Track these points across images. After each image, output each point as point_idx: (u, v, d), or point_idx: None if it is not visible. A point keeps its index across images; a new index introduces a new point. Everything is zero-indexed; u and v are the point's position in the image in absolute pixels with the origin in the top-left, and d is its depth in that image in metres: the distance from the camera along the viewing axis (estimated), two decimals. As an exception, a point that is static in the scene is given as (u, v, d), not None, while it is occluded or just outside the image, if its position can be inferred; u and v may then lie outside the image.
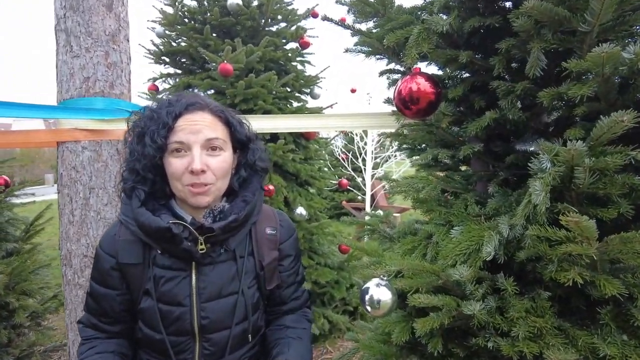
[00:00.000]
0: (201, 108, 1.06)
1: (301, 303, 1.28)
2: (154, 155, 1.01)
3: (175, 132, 1.02)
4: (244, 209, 1.08)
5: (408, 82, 1.19)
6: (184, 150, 1.02)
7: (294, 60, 3.85)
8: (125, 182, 1.06)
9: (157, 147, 1.00)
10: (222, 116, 1.09)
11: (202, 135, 1.02)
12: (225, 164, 1.07)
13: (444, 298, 1.03)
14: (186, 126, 1.02)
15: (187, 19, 3.73)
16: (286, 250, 1.22)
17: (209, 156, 1.04)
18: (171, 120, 1.01)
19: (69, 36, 1.84)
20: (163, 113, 1.02)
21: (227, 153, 1.08)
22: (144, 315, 1.07)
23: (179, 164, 1.02)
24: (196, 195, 1.04)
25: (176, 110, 1.02)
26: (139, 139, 1.03)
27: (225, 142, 1.08)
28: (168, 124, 1.01)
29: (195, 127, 1.02)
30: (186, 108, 1.04)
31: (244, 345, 1.14)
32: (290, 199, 3.53)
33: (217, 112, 1.08)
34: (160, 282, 1.05)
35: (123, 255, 1.06)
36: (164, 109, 1.03)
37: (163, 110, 1.02)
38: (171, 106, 1.03)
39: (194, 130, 1.02)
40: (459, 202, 1.32)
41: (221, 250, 1.09)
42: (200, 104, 1.06)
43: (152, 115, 1.03)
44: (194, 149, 1.01)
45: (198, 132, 1.02)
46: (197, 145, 1.02)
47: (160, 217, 1.02)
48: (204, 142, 1.03)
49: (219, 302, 1.08)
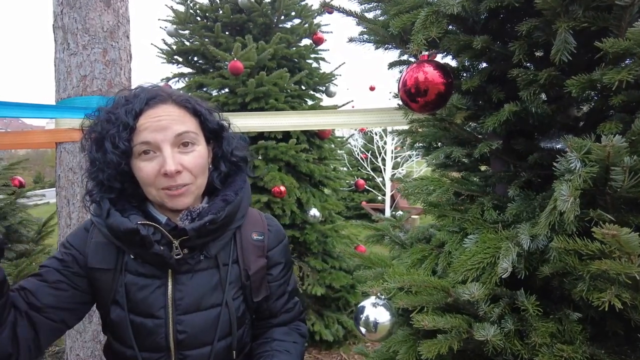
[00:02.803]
0: (163, 100, 0.95)
1: (293, 315, 1.16)
2: (118, 162, 0.90)
3: (138, 132, 0.91)
4: (223, 209, 0.97)
5: (414, 72, 1.06)
6: (153, 151, 0.91)
7: (307, 57, 3.74)
8: (91, 195, 0.97)
9: (121, 153, 0.90)
10: (189, 106, 0.98)
11: (170, 131, 0.91)
12: (201, 160, 0.96)
13: (453, 319, 0.89)
14: (150, 124, 0.91)
15: (199, 17, 3.67)
16: (275, 258, 1.10)
17: (181, 154, 0.93)
18: (132, 120, 0.90)
19: (65, 33, 1.78)
20: (121, 113, 0.91)
21: (201, 147, 0.97)
22: (114, 328, 0.98)
23: (150, 168, 0.91)
24: (174, 198, 0.93)
25: (136, 107, 0.91)
26: (98, 146, 0.93)
27: (197, 135, 0.97)
28: (129, 124, 0.90)
29: (161, 123, 0.91)
30: (147, 103, 0.93)
31: None
32: (303, 200, 3.41)
33: (182, 103, 0.97)
34: (132, 290, 0.95)
35: (94, 258, 0.96)
36: (122, 107, 0.92)
37: (121, 110, 0.91)
38: (129, 103, 0.92)
39: (159, 127, 0.91)
40: (475, 207, 1.18)
41: (200, 256, 0.98)
42: (161, 96, 0.95)
43: (109, 117, 0.92)
44: (164, 149, 0.90)
45: (165, 128, 0.91)
46: (166, 144, 0.91)
47: (129, 217, 0.92)
48: (173, 138, 0.92)
49: (199, 314, 0.97)
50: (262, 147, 3.20)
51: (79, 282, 0.97)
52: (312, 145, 3.65)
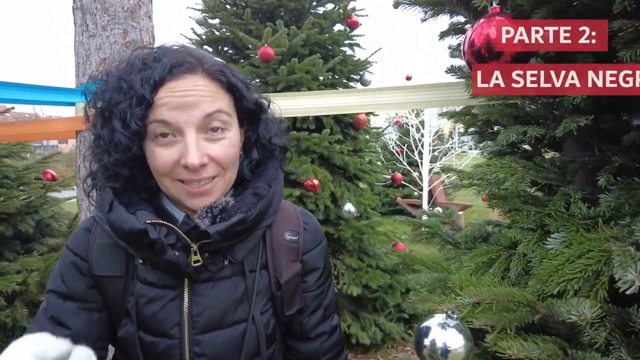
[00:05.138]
0: (192, 70, 0.74)
1: (330, 346, 0.92)
2: (127, 145, 0.71)
3: (155, 107, 0.71)
4: (255, 206, 0.78)
5: (484, 27, 0.84)
6: (172, 134, 0.72)
7: (342, 43, 3.53)
8: (93, 179, 0.79)
9: (132, 134, 0.70)
10: (224, 79, 0.77)
11: (197, 111, 0.71)
12: (232, 149, 0.77)
13: (545, 344, 0.67)
14: (172, 99, 0.71)
15: (229, 4, 3.53)
16: (312, 263, 0.89)
17: (208, 141, 0.74)
18: (148, 92, 0.70)
19: (84, 14, 1.66)
20: (136, 81, 0.71)
21: (233, 132, 0.78)
22: (121, 345, 0.81)
23: (166, 156, 0.72)
24: (194, 196, 0.75)
25: (155, 75, 0.71)
26: (104, 121, 0.74)
27: (230, 117, 0.77)
28: (145, 97, 0.69)
29: (186, 99, 0.71)
30: (170, 72, 0.72)
31: None
32: (337, 194, 3.22)
33: (215, 74, 0.76)
34: (140, 302, 0.78)
35: (99, 264, 0.79)
36: (137, 74, 0.72)
37: (136, 77, 0.71)
38: (147, 69, 0.72)
39: (184, 105, 0.71)
40: (557, 200, 0.94)
41: (224, 262, 0.79)
42: (190, 63, 0.74)
43: (120, 84, 0.72)
44: (187, 134, 0.71)
45: (191, 106, 0.71)
46: (190, 127, 0.71)
47: (135, 214, 0.74)
48: (201, 120, 0.72)
49: (221, 333, 0.79)
50: (294, 138, 3.02)
51: (91, 297, 0.79)
52: (346, 137, 3.45)
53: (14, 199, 2.48)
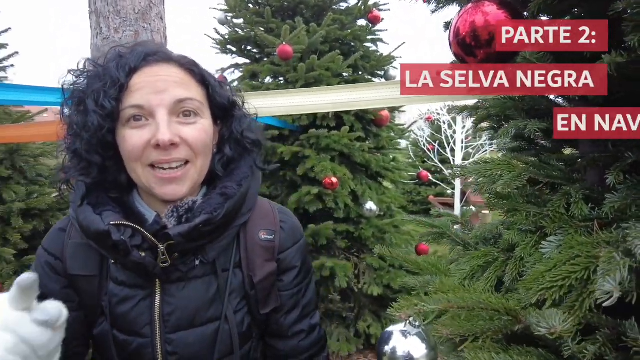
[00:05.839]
0: (166, 59, 0.77)
1: (309, 344, 0.90)
2: (100, 125, 0.72)
3: (130, 92, 0.73)
4: (222, 206, 0.77)
5: (470, 14, 0.78)
6: (145, 117, 0.73)
7: (364, 39, 3.47)
8: (66, 172, 0.80)
9: (105, 115, 0.72)
10: (196, 71, 0.79)
11: (168, 95, 0.73)
12: (205, 135, 0.77)
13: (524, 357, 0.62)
14: (146, 84, 0.73)
15: (251, 3, 3.56)
16: (288, 262, 0.88)
17: (180, 124, 0.74)
18: (124, 76, 0.72)
19: (98, 17, 1.72)
20: (112, 66, 0.73)
21: (206, 121, 0.79)
22: (97, 343, 0.82)
23: (137, 137, 0.73)
24: (165, 183, 0.75)
25: (131, 62, 0.74)
26: (78, 106, 0.75)
27: (203, 105, 0.79)
28: (119, 80, 0.72)
29: (159, 84, 0.73)
30: (144, 59, 0.75)
31: None
32: (358, 192, 3.17)
33: (187, 66, 0.78)
34: (113, 301, 0.79)
35: (73, 263, 0.80)
36: (114, 61, 0.75)
37: (112, 64, 0.74)
38: (123, 58, 0.75)
39: (157, 89, 0.73)
40: (558, 199, 0.87)
41: (195, 261, 0.79)
42: (164, 54, 0.77)
43: (97, 71, 0.75)
44: (159, 114, 0.72)
45: (163, 90, 0.73)
46: (162, 109, 0.72)
47: (102, 214, 0.74)
48: (172, 104, 0.73)
49: (193, 332, 0.79)
50: (314, 136, 3.00)
51: (66, 296, 0.79)
52: (368, 134, 3.39)
53: (45, 196, 2.61)
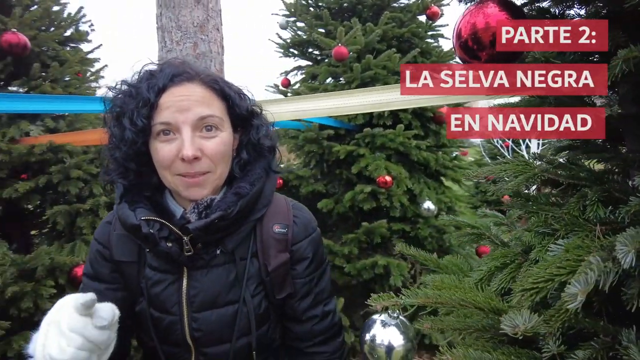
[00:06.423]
0: (190, 79, 0.88)
1: (322, 329, 0.99)
2: (134, 140, 0.85)
3: (159, 110, 0.85)
4: (235, 204, 0.87)
5: (472, 16, 0.79)
6: (172, 132, 0.85)
7: (423, 35, 3.41)
8: (108, 174, 0.94)
9: (138, 131, 0.85)
10: (217, 87, 0.90)
11: (192, 113, 0.85)
12: (223, 147, 0.88)
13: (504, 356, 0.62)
14: (172, 103, 0.85)
15: (312, 7, 3.67)
16: (300, 253, 0.96)
17: (202, 138, 0.86)
18: (153, 96, 0.84)
19: (163, 32, 1.93)
20: (143, 88, 0.86)
21: (226, 133, 0.90)
22: (139, 319, 0.96)
23: (167, 150, 0.85)
24: (190, 187, 0.87)
25: (159, 83, 0.85)
26: (117, 121, 0.89)
27: (223, 120, 0.89)
28: (150, 100, 0.84)
29: (183, 103, 0.85)
30: (171, 80, 0.86)
31: None
32: (415, 191, 3.14)
33: (209, 83, 0.89)
34: (148, 284, 0.92)
35: (117, 251, 0.95)
36: (145, 82, 0.87)
37: (143, 84, 0.86)
38: (153, 78, 0.87)
39: (182, 108, 0.84)
40: (574, 201, 0.84)
41: (216, 251, 0.90)
42: (188, 74, 0.88)
43: (130, 91, 0.88)
44: (184, 131, 0.84)
45: (187, 109, 0.84)
46: (186, 126, 0.84)
47: (135, 211, 0.88)
48: (195, 121, 0.85)
49: (214, 312, 0.90)
50: (369, 135, 3.03)
51: (113, 279, 0.95)
52: (428, 132, 3.33)
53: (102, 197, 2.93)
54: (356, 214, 3.15)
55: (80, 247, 2.15)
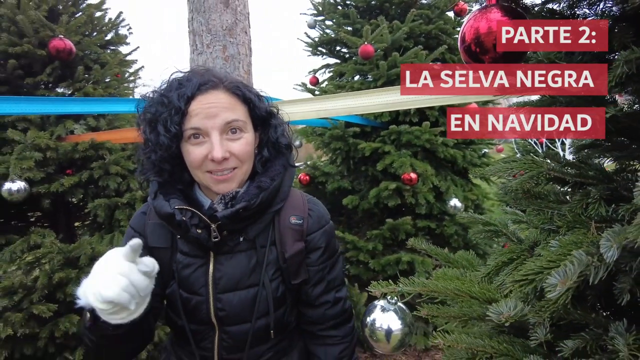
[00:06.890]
0: (215, 86, 0.97)
1: (334, 314, 1.07)
2: (169, 145, 0.95)
3: (189, 117, 0.94)
4: (257, 196, 0.97)
5: (476, 21, 0.82)
6: (202, 135, 0.95)
7: (452, 31, 3.39)
8: (144, 173, 1.04)
9: (172, 136, 0.94)
10: (239, 93, 0.99)
11: (219, 119, 0.94)
12: (248, 147, 0.98)
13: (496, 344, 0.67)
14: (201, 110, 0.94)
15: (340, 6, 3.71)
16: (314, 242, 1.05)
17: (229, 140, 0.96)
18: (183, 104, 0.94)
19: (194, 36, 2.03)
20: (174, 97, 0.95)
21: (249, 134, 0.99)
22: (169, 300, 1.06)
23: (198, 153, 0.95)
24: (219, 182, 0.97)
25: (188, 92, 0.94)
26: (151, 127, 0.98)
27: (246, 123, 0.99)
28: (181, 108, 0.93)
29: (211, 110, 0.94)
30: (198, 89, 0.95)
31: (266, 341, 1.04)
32: (442, 188, 3.14)
33: (232, 90, 0.98)
34: (179, 267, 1.02)
35: (152, 238, 1.05)
36: (174, 92, 0.96)
37: (174, 94, 0.95)
38: (182, 87, 0.96)
39: (210, 114, 0.94)
40: (578, 199, 0.86)
41: (240, 238, 1.00)
42: (213, 82, 0.97)
43: (162, 100, 0.97)
44: (213, 136, 0.94)
45: (215, 116, 0.94)
46: (215, 131, 0.94)
47: (169, 201, 0.97)
48: (222, 126, 0.94)
49: (237, 294, 1.00)
50: (394, 132, 3.05)
51: None
52: (455, 129, 3.31)
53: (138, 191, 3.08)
54: (381, 210, 3.19)
55: (118, 237, 2.31)
